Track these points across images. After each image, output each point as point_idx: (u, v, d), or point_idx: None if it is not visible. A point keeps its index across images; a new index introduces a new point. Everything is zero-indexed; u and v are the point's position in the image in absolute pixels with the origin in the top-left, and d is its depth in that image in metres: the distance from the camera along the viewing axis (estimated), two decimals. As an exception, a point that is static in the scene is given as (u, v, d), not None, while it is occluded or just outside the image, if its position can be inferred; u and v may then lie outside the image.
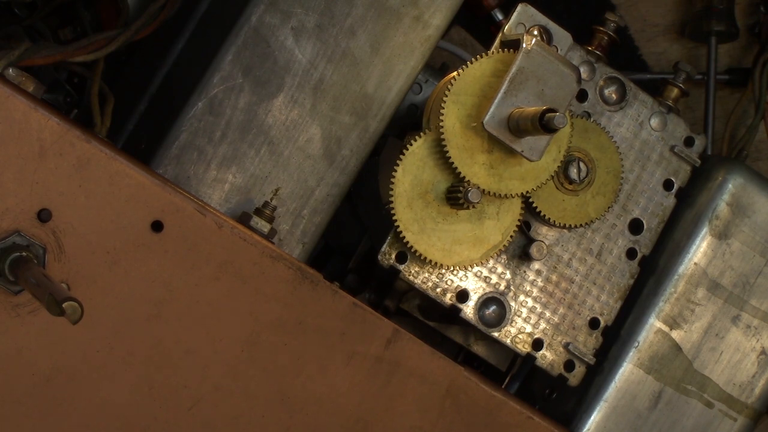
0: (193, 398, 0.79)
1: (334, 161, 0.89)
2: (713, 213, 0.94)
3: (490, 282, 0.90)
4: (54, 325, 0.75)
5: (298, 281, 0.80)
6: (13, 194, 0.73)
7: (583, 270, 0.92)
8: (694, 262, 0.93)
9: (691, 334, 0.93)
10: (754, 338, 0.94)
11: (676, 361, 0.93)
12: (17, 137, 0.73)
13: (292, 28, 0.87)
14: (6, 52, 0.76)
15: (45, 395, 0.76)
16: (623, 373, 0.92)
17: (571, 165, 0.90)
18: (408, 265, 0.89)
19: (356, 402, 0.82)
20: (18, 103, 0.72)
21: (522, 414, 0.86)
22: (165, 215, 0.76)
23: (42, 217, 0.73)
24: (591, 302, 0.92)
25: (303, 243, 0.89)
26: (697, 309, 0.93)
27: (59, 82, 0.90)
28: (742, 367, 0.94)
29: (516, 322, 0.91)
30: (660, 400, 0.93)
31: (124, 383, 0.77)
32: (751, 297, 0.94)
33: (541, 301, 0.91)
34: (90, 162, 0.74)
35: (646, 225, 0.94)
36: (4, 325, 0.74)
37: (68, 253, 0.74)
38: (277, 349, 0.80)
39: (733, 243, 0.94)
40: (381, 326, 0.83)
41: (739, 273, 0.94)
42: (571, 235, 0.92)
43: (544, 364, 0.91)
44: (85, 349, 0.76)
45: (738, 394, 0.94)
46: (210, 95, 0.86)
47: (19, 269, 0.72)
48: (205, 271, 0.78)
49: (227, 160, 0.87)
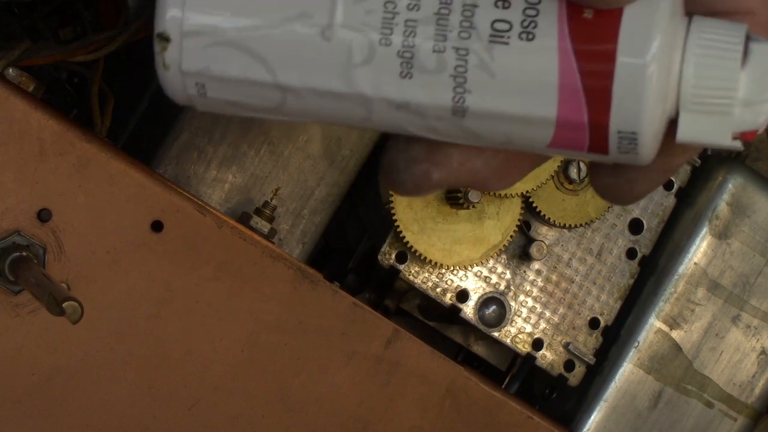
0: (193, 398, 0.79)
1: (334, 161, 0.89)
2: (713, 213, 0.94)
3: (490, 282, 0.90)
4: (54, 325, 0.75)
5: (298, 281, 0.80)
6: (13, 194, 0.73)
7: (583, 270, 0.92)
8: (694, 262, 0.93)
9: (691, 334, 0.93)
10: (754, 338, 0.94)
11: (676, 361, 0.93)
12: (17, 137, 0.73)
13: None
14: (6, 52, 0.76)
15: (45, 395, 0.76)
16: (623, 373, 0.92)
17: (571, 165, 0.90)
18: (408, 265, 0.89)
19: (356, 402, 0.82)
20: (18, 103, 0.72)
21: (522, 414, 0.86)
22: (165, 215, 0.76)
23: (42, 217, 0.73)
24: (591, 302, 0.92)
25: (303, 243, 0.89)
26: (697, 309, 0.93)
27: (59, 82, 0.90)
28: (742, 367, 0.94)
29: (516, 322, 0.91)
30: (660, 399, 0.93)
31: (124, 383, 0.77)
32: (751, 297, 0.94)
33: (541, 300, 0.91)
34: (90, 162, 0.74)
35: (646, 225, 0.94)
36: (4, 325, 0.74)
37: (68, 253, 0.74)
38: (277, 349, 0.80)
39: (733, 243, 0.94)
40: (381, 326, 0.83)
41: (739, 273, 0.94)
42: (571, 235, 0.92)
43: (544, 364, 0.91)
44: (85, 349, 0.76)
45: (738, 394, 0.94)
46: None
47: (19, 269, 0.72)
48: (205, 271, 0.78)
49: (227, 160, 0.87)
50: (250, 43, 0.45)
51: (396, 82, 0.45)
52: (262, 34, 0.45)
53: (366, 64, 0.45)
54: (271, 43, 0.45)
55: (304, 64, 0.45)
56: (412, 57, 0.44)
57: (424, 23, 0.44)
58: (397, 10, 0.44)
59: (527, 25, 0.43)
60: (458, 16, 0.44)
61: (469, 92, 0.44)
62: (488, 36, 0.44)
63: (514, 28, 0.43)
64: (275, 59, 0.45)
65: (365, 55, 0.45)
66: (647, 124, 0.44)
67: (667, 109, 0.44)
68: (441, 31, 0.44)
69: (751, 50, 0.43)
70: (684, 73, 0.43)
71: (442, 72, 0.44)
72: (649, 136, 0.44)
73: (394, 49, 0.44)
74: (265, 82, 0.46)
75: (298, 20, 0.45)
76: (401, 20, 0.44)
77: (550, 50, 0.43)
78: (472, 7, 0.44)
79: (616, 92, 0.43)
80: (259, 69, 0.46)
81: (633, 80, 0.43)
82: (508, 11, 0.43)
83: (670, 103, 0.44)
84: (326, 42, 0.45)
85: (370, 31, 0.44)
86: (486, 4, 0.44)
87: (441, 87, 0.45)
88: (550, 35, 0.43)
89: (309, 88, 0.46)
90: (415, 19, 0.44)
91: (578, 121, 0.44)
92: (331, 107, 0.46)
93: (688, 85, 0.43)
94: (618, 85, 0.43)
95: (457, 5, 0.44)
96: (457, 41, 0.44)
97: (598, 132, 0.44)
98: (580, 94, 0.44)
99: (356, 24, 0.44)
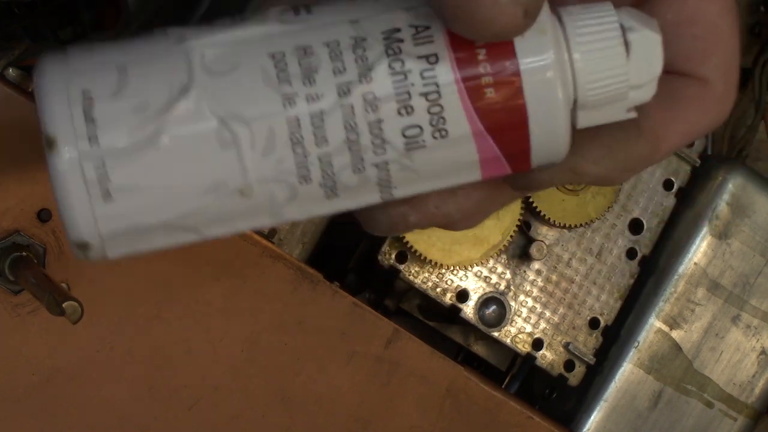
0: (193, 398, 0.79)
1: (334, 161, 0.89)
2: (713, 213, 0.94)
3: (490, 282, 0.90)
4: (54, 325, 0.75)
5: (298, 281, 0.80)
6: (13, 194, 0.73)
7: (583, 270, 0.92)
8: (694, 262, 0.93)
9: (691, 334, 0.93)
10: (754, 338, 0.94)
11: (676, 361, 0.93)
12: (17, 137, 0.73)
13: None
14: (6, 52, 0.76)
15: (45, 395, 0.76)
16: (623, 373, 0.92)
17: (571, 165, 0.90)
18: (408, 265, 0.89)
19: (356, 401, 0.82)
20: (18, 103, 0.72)
21: (522, 414, 0.86)
22: (165, 215, 0.76)
23: (42, 217, 0.73)
24: (591, 302, 0.92)
25: (303, 243, 0.89)
26: (697, 309, 0.93)
27: (59, 82, 0.90)
28: (742, 367, 0.94)
29: (516, 322, 0.91)
30: (660, 399, 0.93)
31: (124, 383, 0.77)
32: (751, 297, 0.94)
33: (541, 300, 0.91)
34: (90, 162, 0.74)
35: (646, 225, 0.94)
36: (4, 325, 0.74)
37: (68, 253, 0.74)
38: (277, 349, 0.80)
39: (733, 243, 0.94)
40: (381, 326, 0.83)
41: (739, 273, 0.94)
42: (571, 235, 0.92)
43: (544, 364, 0.91)
44: (85, 349, 0.76)
45: (738, 394, 0.94)
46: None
47: (19, 269, 0.72)
48: (205, 271, 0.78)
49: (227, 160, 0.87)
50: (173, 222, 0.46)
51: (323, 203, 0.46)
52: (183, 213, 0.45)
53: (291, 201, 0.46)
54: (194, 217, 0.45)
55: (229, 220, 0.46)
56: (335, 184, 0.45)
57: (337, 153, 0.44)
58: (307, 151, 0.44)
59: (436, 123, 0.44)
60: (367, 136, 0.44)
61: (395, 188, 0.46)
62: (403, 145, 0.44)
63: (425, 130, 0.44)
64: (201, 224, 0.46)
65: (288, 196, 0.45)
66: (563, 147, 0.46)
67: (570, 103, 0.46)
68: (356, 155, 0.45)
69: (630, 42, 0.45)
70: (576, 77, 0.45)
71: (366, 185, 0.46)
72: (564, 148, 0.46)
73: (315, 184, 0.45)
74: (191, 240, 0.47)
75: (214, 192, 0.45)
76: (314, 158, 0.44)
77: (465, 138, 0.45)
78: (378, 123, 0.44)
79: (534, 147, 0.45)
80: (185, 235, 0.46)
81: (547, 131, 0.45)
82: (414, 116, 0.44)
83: (569, 96, 0.45)
84: (247, 198, 0.45)
85: (287, 177, 0.45)
86: (389, 115, 0.44)
87: (368, 194, 0.46)
88: (461, 125, 0.44)
89: (235, 231, 0.47)
90: (326, 152, 0.44)
91: (502, 172, 0.47)
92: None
93: (583, 89, 0.45)
94: (535, 142, 0.45)
95: (362, 126, 0.44)
96: (374, 158, 0.45)
97: (521, 166, 0.47)
98: (501, 160, 0.46)
99: (271, 176, 0.45)
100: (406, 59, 0.44)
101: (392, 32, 0.44)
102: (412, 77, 0.44)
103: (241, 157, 0.44)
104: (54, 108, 0.43)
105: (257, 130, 0.44)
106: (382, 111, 0.44)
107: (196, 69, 0.44)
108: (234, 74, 0.44)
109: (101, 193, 0.44)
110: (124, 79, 0.44)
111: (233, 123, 0.44)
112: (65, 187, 0.43)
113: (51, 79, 0.44)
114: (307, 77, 0.44)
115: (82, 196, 0.44)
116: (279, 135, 0.44)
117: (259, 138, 0.44)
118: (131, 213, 0.45)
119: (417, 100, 0.44)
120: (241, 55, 0.44)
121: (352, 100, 0.44)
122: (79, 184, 0.43)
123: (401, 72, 0.44)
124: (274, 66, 0.44)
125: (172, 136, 0.44)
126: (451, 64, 0.44)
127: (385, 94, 0.44)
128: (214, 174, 0.45)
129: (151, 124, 0.44)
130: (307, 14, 0.45)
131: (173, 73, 0.44)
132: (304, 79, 0.44)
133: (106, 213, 0.44)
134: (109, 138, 0.43)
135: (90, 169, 0.43)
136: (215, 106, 0.44)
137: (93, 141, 0.43)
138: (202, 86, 0.44)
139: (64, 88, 0.44)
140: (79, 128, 0.43)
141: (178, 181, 0.44)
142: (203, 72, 0.44)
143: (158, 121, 0.44)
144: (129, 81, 0.44)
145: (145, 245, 0.47)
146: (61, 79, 0.44)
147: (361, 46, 0.44)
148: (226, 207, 0.45)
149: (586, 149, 0.47)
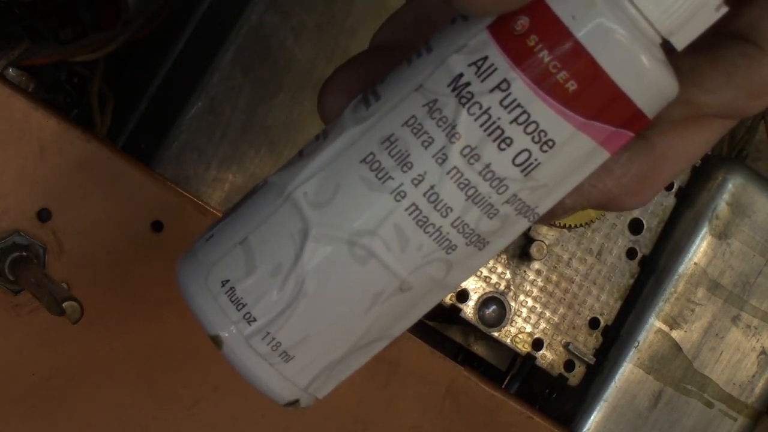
0: (193, 398, 0.79)
1: (334, 161, 0.89)
2: (713, 213, 0.94)
3: (490, 282, 0.90)
4: (54, 325, 0.75)
5: (298, 281, 0.80)
6: (13, 194, 0.73)
7: (583, 270, 0.92)
8: (694, 261, 0.93)
9: (691, 334, 0.93)
10: (754, 338, 0.94)
11: (676, 360, 0.93)
12: (17, 137, 0.73)
13: (291, 28, 0.87)
14: (6, 52, 0.76)
15: (45, 395, 0.76)
16: (623, 372, 0.92)
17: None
18: (408, 265, 0.89)
19: (355, 402, 0.82)
20: (18, 102, 0.72)
21: (522, 414, 0.86)
22: (165, 215, 0.76)
23: (42, 217, 0.73)
24: (591, 302, 0.92)
25: (303, 243, 0.89)
26: (697, 309, 0.93)
27: (59, 82, 0.90)
28: (742, 367, 0.94)
29: (516, 322, 0.91)
30: (660, 399, 0.93)
31: (124, 383, 0.77)
32: (751, 297, 0.94)
33: (541, 300, 0.91)
34: (90, 162, 0.74)
35: (646, 225, 0.94)
36: (4, 325, 0.74)
37: (68, 253, 0.74)
38: (277, 349, 0.80)
39: (733, 243, 0.94)
40: (381, 326, 0.83)
41: (739, 273, 0.94)
42: (571, 235, 0.92)
43: (544, 364, 0.91)
44: (85, 349, 0.76)
45: (738, 394, 0.94)
46: (210, 95, 0.86)
47: (19, 269, 0.72)
48: (205, 271, 0.78)
49: (227, 159, 0.87)
50: (357, 344, 0.48)
51: (480, 255, 0.47)
52: (361, 334, 0.48)
53: (450, 270, 0.47)
54: (372, 332, 0.48)
55: (405, 315, 0.48)
56: (479, 236, 0.46)
57: (466, 213, 0.45)
58: (437, 226, 0.45)
59: (539, 139, 0.44)
60: (484, 185, 0.44)
61: (536, 207, 0.46)
62: (520, 173, 0.44)
63: (532, 150, 0.44)
64: (382, 332, 0.48)
65: (445, 268, 0.46)
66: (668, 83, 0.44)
67: (650, 37, 0.44)
68: (483, 204, 0.45)
69: None
70: (642, 11, 0.43)
71: (507, 220, 0.46)
72: (669, 83, 0.44)
73: (462, 246, 0.46)
74: (383, 346, 0.49)
75: (377, 304, 0.46)
76: (447, 228, 0.45)
77: (572, 136, 0.44)
78: (487, 168, 0.44)
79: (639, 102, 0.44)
80: (375, 345, 0.49)
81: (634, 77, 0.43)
82: (515, 144, 0.44)
83: (643, 32, 0.44)
84: (410, 291, 0.47)
85: (434, 256, 0.46)
86: (493, 156, 0.44)
87: (515, 225, 0.46)
88: (561, 129, 0.44)
89: (417, 318, 0.49)
90: (456, 217, 0.45)
91: (626, 140, 0.45)
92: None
93: (657, 20, 0.43)
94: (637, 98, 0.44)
95: (474, 179, 0.44)
96: (501, 198, 0.45)
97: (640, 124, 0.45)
98: (617, 131, 0.45)
99: (419, 263, 0.46)
100: (481, 98, 0.43)
101: (456, 80, 0.44)
102: (495, 112, 0.43)
103: (385, 264, 0.45)
104: (204, 309, 0.47)
105: (385, 233, 0.45)
106: (485, 156, 0.44)
107: (306, 210, 0.46)
108: (339, 195, 0.45)
109: (281, 358, 0.47)
110: (250, 254, 0.46)
111: (361, 239, 0.45)
112: (250, 372, 0.47)
113: (191, 282, 0.47)
114: (404, 164, 0.44)
115: (267, 369, 0.47)
116: (406, 227, 0.45)
117: (390, 239, 0.45)
118: (316, 358, 0.47)
119: (510, 129, 0.44)
120: (337, 175, 0.46)
121: (453, 162, 0.44)
122: (259, 362, 0.47)
123: (483, 112, 0.44)
124: (370, 169, 0.45)
125: (314, 278, 0.46)
126: (523, 80, 0.43)
127: (478, 141, 0.44)
128: (367, 291, 0.46)
129: (291, 278, 0.45)
130: (377, 101, 0.46)
131: (289, 225, 0.46)
132: (401, 167, 0.44)
133: (295, 370, 0.48)
134: (262, 309, 0.46)
135: (259, 344, 0.46)
136: (337, 233, 0.45)
137: (250, 319, 0.46)
138: (318, 222, 0.45)
139: (205, 287, 0.47)
140: (233, 315, 0.46)
141: (341, 313, 0.46)
142: (312, 209, 0.46)
143: (296, 272, 0.46)
144: (255, 253, 0.46)
145: (347, 371, 0.49)
146: (199, 280, 0.47)
147: (436, 109, 0.44)
148: (395, 308, 0.47)
149: (703, 79, 0.45)
